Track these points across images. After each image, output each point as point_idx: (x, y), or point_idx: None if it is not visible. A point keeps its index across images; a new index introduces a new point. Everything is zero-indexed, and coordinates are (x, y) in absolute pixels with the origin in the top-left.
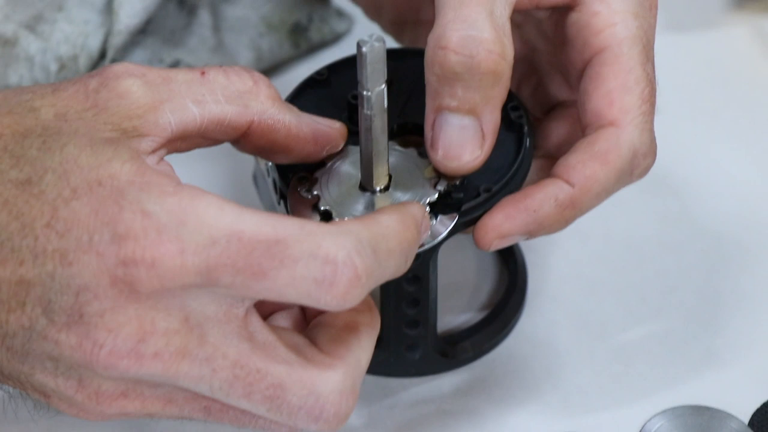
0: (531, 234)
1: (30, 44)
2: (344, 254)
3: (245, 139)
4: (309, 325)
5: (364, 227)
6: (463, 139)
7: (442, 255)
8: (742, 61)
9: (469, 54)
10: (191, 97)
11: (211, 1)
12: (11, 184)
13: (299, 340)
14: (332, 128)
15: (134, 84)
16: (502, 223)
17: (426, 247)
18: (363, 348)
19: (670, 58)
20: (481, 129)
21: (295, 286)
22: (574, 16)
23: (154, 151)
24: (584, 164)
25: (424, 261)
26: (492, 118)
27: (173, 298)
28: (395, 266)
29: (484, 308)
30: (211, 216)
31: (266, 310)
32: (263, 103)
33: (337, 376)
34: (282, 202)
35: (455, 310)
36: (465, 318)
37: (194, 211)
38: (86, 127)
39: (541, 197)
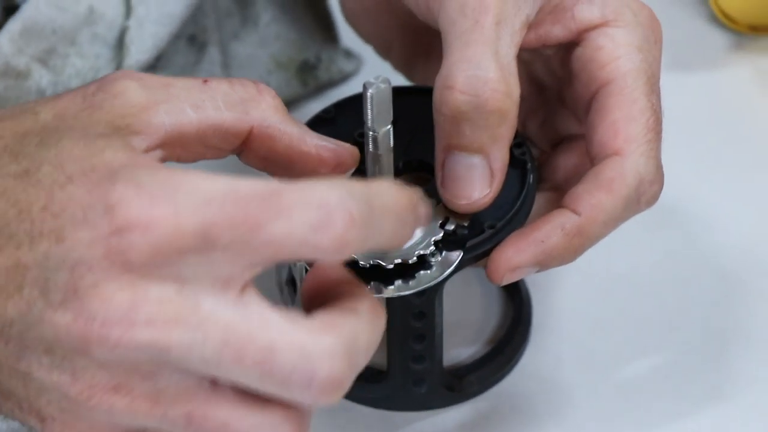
0: (541, 265)
1: (42, 77)
2: (336, 197)
3: (247, 148)
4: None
5: (356, 183)
6: (472, 178)
7: (447, 290)
8: (743, 100)
9: (475, 93)
10: (189, 101)
11: (220, 39)
12: (10, 177)
13: (296, 314)
14: (341, 147)
15: (130, 86)
16: (512, 257)
17: (432, 283)
18: (362, 328)
19: (673, 97)
20: (490, 167)
21: (292, 235)
22: (579, 51)
23: (147, 151)
24: (590, 193)
25: (430, 296)
26: (500, 156)
27: (167, 267)
28: (391, 228)
29: (489, 343)
30: (204, 181)
31: None
32: (264, 111)
33: (329, 339)
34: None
35: (461, 344)
36: (470, 352)
37: (187, 179)
38: (81, 125)
39: (548, 228)
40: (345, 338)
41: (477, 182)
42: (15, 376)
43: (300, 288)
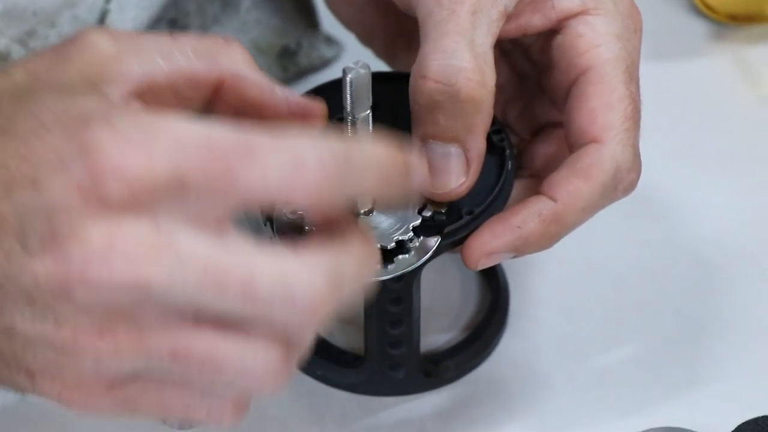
0: (518, 250)
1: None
2: (311, 146)
3: (219, 99)
4: None
5: (337, 142)
6: (447, 167)
7: (425, 276)
8: (723, 90)
9: (449, 83)
10: (159, 52)
11: (201, 23)
12: None
13: (277, 247)
14: (309, 99)
15: (100, 38)
16: (488, 241)
17: (409, 268)
18: (348, 259)
19: (652, 87)
20: (466, 156)
21: (265, 181)
22: (559, 39)
23: (123, 100)
24: (568, 180)
25: (408, 282)
26: (476, 145)
27: (142, 207)
28: (373, 183)
29: (466, 329)
30: (180, 126)
31: None
32: (234, 59)
33: (309, 265)
34: (268, 223)
35: (438, 330)
36: (447, 338)
37: (163, 122)
38: (56, 81)
39: (525, 213)
40: (326, 264)
41: (453, 171)
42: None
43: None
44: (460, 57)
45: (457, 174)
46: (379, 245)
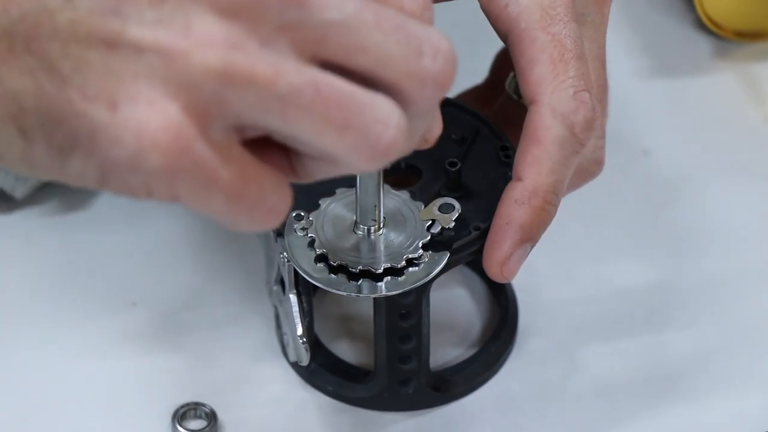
0: (526, 241)
1: None
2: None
3: None
4: None
5: None
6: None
7: (434, 291)
8: (728, 107)
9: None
10: None
11: None
12: None
13: None
14: None
15: None
16: (494, 252)
17: (418, 283)
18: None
19: (658, 103)
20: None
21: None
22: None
23: None
24: (523, 153)
25: (417, 297)
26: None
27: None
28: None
29: (475, 344)
30: None
31: None
32: None
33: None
34: (279, 239)
35: (447, 345)
36: (457, 353)
37: None
38: None
39: (504, 208)
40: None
41: None
42: (94, 44)
43: (289, 287)
44: None
45: None
46: (389, 264)
